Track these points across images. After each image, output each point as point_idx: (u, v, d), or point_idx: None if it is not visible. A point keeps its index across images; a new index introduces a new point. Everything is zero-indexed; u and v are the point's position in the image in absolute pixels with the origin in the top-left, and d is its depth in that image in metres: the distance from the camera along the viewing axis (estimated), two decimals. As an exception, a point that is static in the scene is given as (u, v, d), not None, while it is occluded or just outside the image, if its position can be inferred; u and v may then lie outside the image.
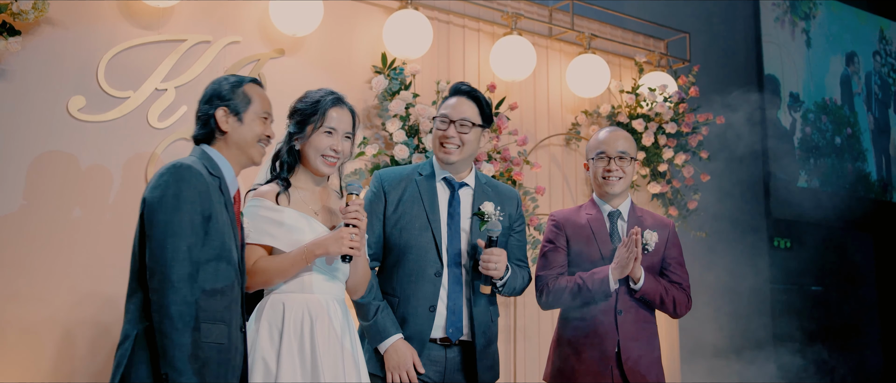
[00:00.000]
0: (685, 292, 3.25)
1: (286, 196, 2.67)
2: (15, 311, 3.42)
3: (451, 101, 3.05)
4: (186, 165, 2.38)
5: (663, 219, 3.35)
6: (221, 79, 2.62)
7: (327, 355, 2.56)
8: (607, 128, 3.35)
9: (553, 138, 5.32)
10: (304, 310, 2.58)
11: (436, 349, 2.93)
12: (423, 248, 2.93)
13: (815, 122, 8.27)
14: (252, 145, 2.56)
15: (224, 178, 2.50)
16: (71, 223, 3.56)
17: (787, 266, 7.56)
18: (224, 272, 2.38)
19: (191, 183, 2.34)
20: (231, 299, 2.40)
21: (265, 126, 2.59)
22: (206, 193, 2.37)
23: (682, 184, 5.61)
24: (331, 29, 4.43)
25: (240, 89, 2.57)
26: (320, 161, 2.70)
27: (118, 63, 3.79)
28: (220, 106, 2.54)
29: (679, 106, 5.53)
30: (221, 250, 2.38)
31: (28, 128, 3.55)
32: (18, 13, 3.37)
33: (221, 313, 2.36)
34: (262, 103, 2.60)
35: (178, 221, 2.29)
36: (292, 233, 2.62)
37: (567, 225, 3.25)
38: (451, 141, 2.97)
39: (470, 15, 5.01)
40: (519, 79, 5.01)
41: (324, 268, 2.65)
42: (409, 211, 2.98)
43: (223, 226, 2.40)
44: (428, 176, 3.06)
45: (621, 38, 5.78)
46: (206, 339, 2.29)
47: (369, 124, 4.53)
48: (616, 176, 3.21)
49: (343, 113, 2.73)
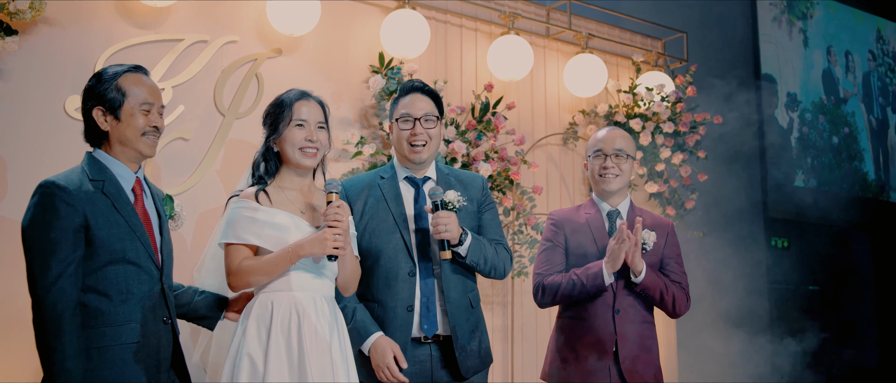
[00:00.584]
0: (684, 291, 3.26)
1: (266, 195, 2.67)
2: (18, 310, 3.42)
3: (406, 100, 3.03)
4: (49, 183, 2.36)
5: (662, 218, 3.35)
6: (99, 72, 2.52)
7: (314, 353, 2.55)
8: (606, 128, 3.37)
9: (550, 138, 5.33)
10: (291, 309, 2.59)
11: (420, 348, 2.93)
12: (394, 250, 2.94)
13: (813, 122, 8.28)
14: (136, 140, 2.48)
15: (112, 180, 2.45)
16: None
17: (784, 266, 7.56)
18: (122, 273, 2.39)
19: (53, 200, 2.33)
20: (140, 296, 2.42)
21: (148, 117, 2.48)
22: (74, 205, 2.34)
23: (679, 184, 5.62)
24: (328, 28, 4.43)
25: (114, 83, 2.46)
26: (299, 154, 2.70)
27: (115, 62, 3.77)
28: (96, 105, 2.47)
29: (676, 105, 5.53)
30: (112, 254, 2.38)
31: (25, 127, 3.55)
32: (15, 12, 3.37)
33: (129, 313, 2.38)
34: (141, 93, 2.48)
35: (45, 240, 2.31)
36: (277, 231, 2.62)
37: (566, 224, 3.25)
38: (418, 138, 2.98)
39: (467, 14, 5.01)
40: (516, 78, 5.01)
41: (311, 267, 2.66)
42: (376, 215, 2.98)
43: (113, 228, 2.39)
44: (390, 177, 3.06)
45: (619, 38, 5.79)
46: (113, 342, 2.34)
47: (367, 124, 4.53)
48: (612, 173, 3.21)
49: (311, 104, 2.74)
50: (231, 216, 2.65)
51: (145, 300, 2.44)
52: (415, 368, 2.91)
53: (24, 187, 3.50)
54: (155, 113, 2.53)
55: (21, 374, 3.39)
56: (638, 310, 3.20)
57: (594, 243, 3.19)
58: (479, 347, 2.99)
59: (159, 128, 2.55)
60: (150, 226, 2.53)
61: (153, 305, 2.47)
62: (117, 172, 2.48)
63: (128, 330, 2.39)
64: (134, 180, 2.52)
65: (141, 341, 2.40)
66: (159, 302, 2.49)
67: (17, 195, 3.50)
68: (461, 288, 2.99)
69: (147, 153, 2.53)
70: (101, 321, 2.36)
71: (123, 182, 2.49)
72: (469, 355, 2.94)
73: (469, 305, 3.00)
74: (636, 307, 3.19)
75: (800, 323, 7.43)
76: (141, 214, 2.50)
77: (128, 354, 2.38)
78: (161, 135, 2.58)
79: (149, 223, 2.53)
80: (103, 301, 2.38)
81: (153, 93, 2.54)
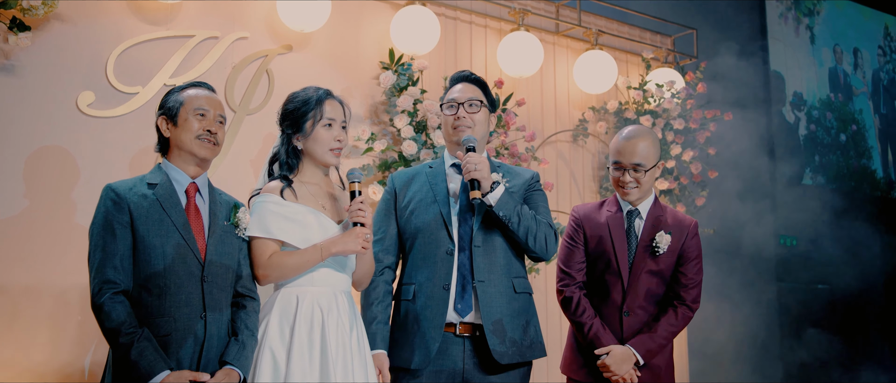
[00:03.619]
0: (692, 292, 3.19)
1: (292, 191, 2.72)
2: (30, 302, 3.42)
3: (455, 88, 3.09)
4: (105, 186, 2.59)
5: (685, 218, 3.24)
6: (170, 88, 2.76)
7: (337, 348, 2.59)
8: (629, 131, 3.17)
9: (560, 134, 5.31)
10: (314, 304, 2.63)
11: (454, 342, 2.90)
12: (434, 229, 2.95)
13: (820, 119, 8.25)
14: (191, 143, 2.64)
15: (166, 183, 2.62)
16: (79, 218, 3.56)
17: (793, 263, 7.54)
18: (161, 269, 2.51)
19: (103, 200, 2.56)
20: (176, 291, 2.51)
21: (203, 122, 2.65)
22: (121, 204, 2.53)
23: (689, 181, 5.60)
24: (338, 25, 4.42)
25: (176, 94, 2.69)
26: (329, 154, 2.76)
27: (127, 59, 3.78)
28: (161, 115, 2.70)
29: (687, 102, 5.52)
30: (152, 250, 2.51)
31: (38, 123, 3.54)
32: (28, 9, 3.37)
33: (164, 307, 2.49)
34: (196, 101, 2.67)
35: (94, 235, 2.53)
36: (302, 228, 2.67)
37: (586, 222, 3.23)
38: (462, 121, 3.00)
39: (477, 11, 5.00)
40: (526, 75, 5.00)
41: (332, 263, 2.71)
42: (418, 197, 3.02)
43: (155, 226, 2.53)
44: (437, 165, 3.12)
45: (628, 35, 5.77)
46: (153, 334, 2.46)
47: (377, 120, 4.53)
48: (631, 186, 3.14)
49: (335, 105, 2.81)
50: (259, 210, 2.69)
51: (181, 295, 2.52)
52: (448, 364, 2.88)
53: (38, 182, 3.50)
54: (210, 118, 2.67)
55: (37, 363, 3.40)
56: (650, 311, 3.19)
57: (610, 242, 3.17)
58: (518, 337, 2.93)
59: (214, 132, 2.67)
60: (199, 226, 2.62)
61: (189, 301, 2.53)
62: (173, 176, 2.66)
63: (162, 323, 2.49)
64: (188, 183, 2.66)
65: (174, 334, 2.49)
66: (197, 298, 2.55)
67: (32, 190, 3.50)
68: (501, 269, 2.95)
69: (201, 154, 2.65)
70: (142, 313, 2.49)
71: (177, 185, 2.65)
72: (506, 346, 2.88)
73: (511, 289, 2.96)
74: (646, 308, 3.17)
75: (809, 321, 7.42)
76: (191, 215, 2.61)
77: (165, 345, 2.48)
78: (218, 143, 2.70)
79: (200, 223, 2.62)
80: (144, 294, 2.51)
81: (210, 101, 2.70)
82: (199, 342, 2.53)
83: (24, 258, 3.44)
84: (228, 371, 2.53)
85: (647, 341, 3.10)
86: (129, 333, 2.42)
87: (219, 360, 2.56)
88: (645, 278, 3.14)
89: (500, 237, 2.97)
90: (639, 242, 3.16)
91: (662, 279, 3.18)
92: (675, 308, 3.16)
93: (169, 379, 2.41)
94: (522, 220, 2.91)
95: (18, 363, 3.38)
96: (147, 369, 2.40)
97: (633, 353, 3.08)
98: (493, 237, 2.96)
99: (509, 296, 2.94)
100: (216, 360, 2.56)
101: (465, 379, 2.89)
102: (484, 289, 2.90)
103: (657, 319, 3.14)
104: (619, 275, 3.14)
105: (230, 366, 2.55)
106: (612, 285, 3.15)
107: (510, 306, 2.94)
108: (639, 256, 3.14)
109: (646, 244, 3.15)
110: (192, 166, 2.68)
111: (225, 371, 2.53)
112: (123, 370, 2.43)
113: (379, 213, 3.08)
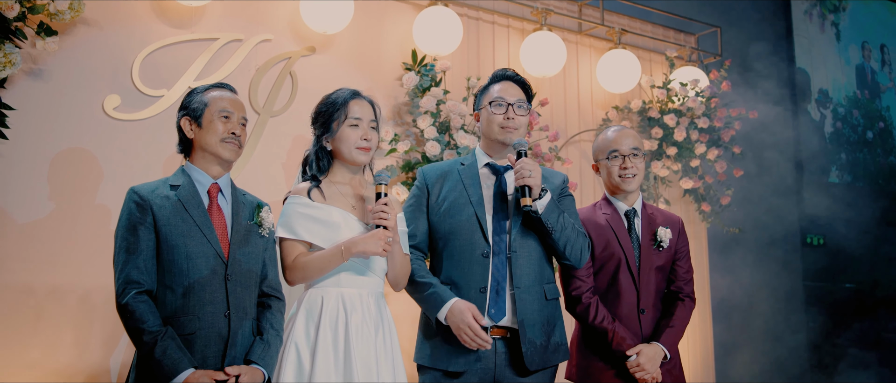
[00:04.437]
0: (690, 285, 3.29)
1: (320, 192, 2.73)
2: (56, 304, 3.46)
3: (497, 87, 3.04)
4: (129, 190, 2.61)
5: (673, 216, 3.36)
6: (192, 88, 2.77)
7: (360, 348, 2.60)
8: (613, 128, 3.33)
9: (584, 134, 5.29)
10: (339, 305, 2.64)
11: None
12: (469, 231, 2.92)
13: (847, 117, 8.15)
14: (216, 145, 2.66)
15: (188, 184, 2.63)
16: (105, 220, 3.59)
17: (820, 263, 7.45)
18: (184, 268, 2.53)
19: (127, 202, 2.58)
20: (199, 290, 2.53)
21: (227, 124, 2.66)
22: (143, 205, 2.55)
23: (714, 180, 5.55)
24: (361, 26, 4.43)
25: (200, 95, 2.70)
26: (356, 152, 2.77)
27: (152, 62, 3.81)
28: (183, 115, 2.70)
29: (711, 100, 5.47)
30: (176, 249, 2.53)
31: (64, 126, 3.58)
32: (55, 13, 3.40)
33: (187, 306, 2.51)
34: (220, 103, 2.68)
35: (119, 236, 2.56)
36: (329, 229, 2.68)
37: (588, 225, 3.24)
38: (512, 122, 2.97)
39: (500, 11, 4.99)
40: (549, 74, 4.98)
41: (359, 264, 2.71)
42: (452, 197, 2.99)
43: (178, 225, 2.55)
44: (470, 164, 3.07)
45: (652, 33, 5.73)
46: (178, 333, 2.48)
47: (400, 121, 4.53)
48: (631, 172, 3.21)
49: (363, 104, 2.81)
50: (286, 212, 2.71)
51: (205, 294, 2.54)
52: (479, 365, 2.88)
53: (64, 185, 3.53)
54: (234, 121, 2.69)
55: (65, 362, 3.43)
56: (657, 308, 3.22)
57: (617, 243, 3.19)
58: (547, 342, 2.94)
59: (237, 135, 2.68)
60: (222, 226, 2.64)
61: (213, 299, 2.55)
62: (196, 177, 2.67)
63: (187, 321, 2.51)
64: (210, 184, 2.67)
65: (198, 333, 2.51)
66: (221, 296, 2.56)
67: (58, 193, 3.53)
68: (535, 275, 2.94)
69: (225, 156, 2.67)
70: (167, 312, 2.52)
71: (199, 186, 2.66)
72: (536, 350, 2.89)
73: (542, 296, 2.95)
74: (655, 304, 3.21)
75: (836, 320, 7.33)
76: (213, 215, 2.63)
77: (189, 344, 2.50)
78: (242, 145, 2.71)
79: (222, 223, 2.64)
80: (168, 293, 2.53)
81: (234, 104, 2.71)
82: (223, 341, 2.54)
83: (50, 260, 3.48)
84: (253, 370, 2.54)
85: (671, 335, 3.16)
86: (152, 332, 2.43)
87: (244, 359, 2.57)
88: (653, 275, 3.20)
89: (536, 242, 2.96)
90: (641, 240, 3.22)
91: (664, 274, 3.26)
92: (682, 301, 3.26)
93: (192, 377, 2.42)
94: (564, 229, 2.91)
95: (45, 365, 3.42)
96: (171, 367, 2.41)
97: (662, 349, 3.12)
98: (528, 242, 2.94)
99: (541, 302, 2.95)
100: (241, 359, 2.57)
101: (497, 379, 2.90)
102: (520, 295, 2.89)
103: (671, 313, 3.22)
104: (631, 274, 3.18)
105: (255, 365, 2.56)
106: (625, 285, 3.17)
107: (542, 312, 2.94)
108: (645, 254, 3.20)
109: (649, 241, 3.22)
110: (215, 167, 2.69)
111: (250, 369, 2.53)
112: (147, 368, 2.45)
113: (409, 208, 3.05)
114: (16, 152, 3.46)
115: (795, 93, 7.64)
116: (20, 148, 3.47)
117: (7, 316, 3.37)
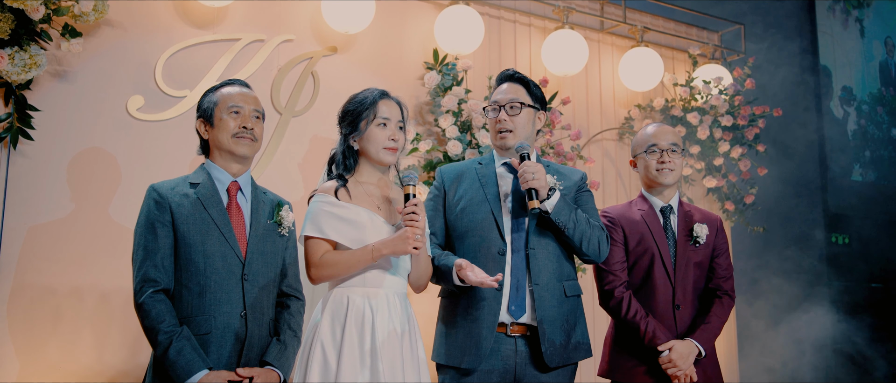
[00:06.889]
0: (730, 282, 3.25)
1: (346, 191, 2.71)
2: (75, 304, 3.47)
3: (500, 88, 3.07)
4: (148, 188, 2.60)
5: (711, 214, 3.34)
6: (206, 90, 2.76)
7: (386, 349, 2.59)
8: (654, 124, 3.35)
9: (606, 132, 5.25)
10: (365, 305, 2.62)
11: (505, 341, 2.89)
12: (485, 229, 2.93)
13: (871, 114, 8.05)
14: (228, 141, 2.64)
15: (207, 183, 2.62)
16: (125, 221, 3.59)
17: (845, 262, 7.37)
18: (200, 266, 2.51)
19: (147, 199, 2.58)
20: (215, 289, 2.51)
21: (238, 119, 2.65)
22: (162, 203, 2.55)
23: (738, 179, 5.50)
24: (383, 26, 4.42)
25: (210, 95, 2.69)
26: (383, 153, 2.75)
27: (175, 63, 3.82)
28: (198, 117, 2.70)
29: (735, 98, 5.42)
30: (192, 247, 2.52)
31: (89, 127, 3.60)
32: (80, 15, 3.41)
33: (202, 305, 2.50)
34: (229, 99, 2.66)
35: (138, 234, 2.55)
36: (354, 228, 2.66)
37: (622, 221, 3.24)
38: (504, 125, 2.98)
39: (521, 10, 4.96)
40: (571, 73, 4.95)
41: (386, 265, 2.70)
42: (468, 196, 3.00)
43: (195, 224, 2.54)
44: (487, 164, 3.09)
45: (674, 31, 5.69)
46: (193, 332, 2.46)
47: (422, 120, 4.51)
48: (669, 167, 3.22)
49: (391, 105, 2.79)
50: (312, 210, 2.70)
51: (221, 293, 2.52)
52: (500, 364, 2.87)
53: (86, 186, 3.55)
54: (245, 114, 2.66)
55: (89, 359, 3.44)
56: (693, 305, 3.20)
57: (652, 239, 3.18)
58: (567, 341, 2.93)
59: (250, 128, 2.65)
60: (241, 224, 2.62)
61: (229, 299, 2.53)
62: (215, 176, 2.66)
63: (202, 321, 2.49)
64: (230, 182, 2.65)
65: (213, 333, 2.49)
66: (237, 296, 2.54)
67: (82, 194, 3.54)
68: (554, 272, 2.94)
69: (239, 151, 2.65)
70: (183, 311, 2.50)
71: (219, 184, 2.65)
72: (556, 349, 2.89)
73: (562, 293, 2.95)
74: (692, 301, 3.19)
75: (862, 321, 7.24)
76: (232, 213, 2.61)
77: (204, 344, 2.48)
78: (256, 138, 2.68)
79: (241, 222, 2.62)
80: (185, 292, 2.52)
81: (244, 97, 2.68)
82: (239, 341, 2.52)
83: (70, 260, 3.49)
84: (267, 371, 2.53)
85: (706, 332, 3.13)
86: (168, 331, 2.42)
87: (260, 360, 2.56)
88: (690, 271, 3.18)
89: (553, 240, 2.95)
90: (677, 236, 3.20)
91: (702, 271, 3.23)
92: (720, 298, 3.22)
93: (207, 378, 2.40)
94: (578, 226, 2.90)
95: (64, 366, 3.43)
96: (185, 368, 2.39)
97: (696, 346, 3.09)
98: (546, 240, 2.94)
99: (560, 299, 2.94)
100: (257, 360, 2.56)
101: (517, 378, 2.90)
102: (539, 293, 2.89)
103: (707, 311, 3.18)
104: (665, 269, 3.16)
105: (270, 367, 2.55)
106: (660, 281, 3.16)
107: (561, 309, 2.93)
108: (681, 250, 3.19)
109: (685, 237, 3.20)
110: (234, 165, 2.67)
111: (265, 371, 2.52)
112: (162, 368, 2.43)
113: (426, 209, 3.05)
114: (40, 153, 3.48)
115: (819, 90, 7.55)
116: (45, 149, 3.49)
117: (27, 316, 3.39)
